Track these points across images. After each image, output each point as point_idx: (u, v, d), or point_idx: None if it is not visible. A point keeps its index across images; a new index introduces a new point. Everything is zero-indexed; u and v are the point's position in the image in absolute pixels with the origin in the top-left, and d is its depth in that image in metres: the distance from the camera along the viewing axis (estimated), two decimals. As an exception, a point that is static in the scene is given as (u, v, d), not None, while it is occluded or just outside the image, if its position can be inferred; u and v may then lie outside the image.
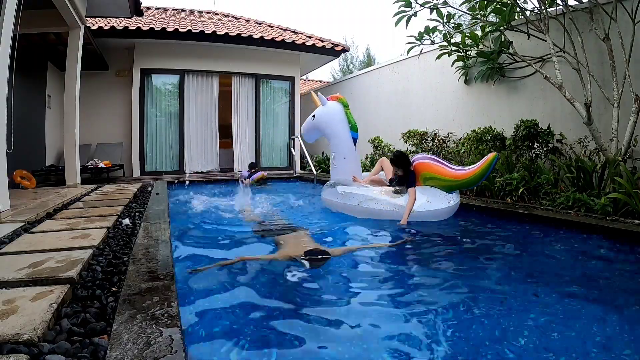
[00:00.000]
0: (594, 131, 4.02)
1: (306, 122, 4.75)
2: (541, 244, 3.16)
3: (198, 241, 3.24)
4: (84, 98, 6.48)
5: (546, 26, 4.43)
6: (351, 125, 4.38)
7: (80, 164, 6.05)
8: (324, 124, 4.50)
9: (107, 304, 1.45)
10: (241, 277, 2.32)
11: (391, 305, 1.97)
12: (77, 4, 5.21)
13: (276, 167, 9.42)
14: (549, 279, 2.32)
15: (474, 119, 5.97)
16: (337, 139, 4.42)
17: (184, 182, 6.53)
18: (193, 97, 8.63)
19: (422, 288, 2.27)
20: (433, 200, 3.62)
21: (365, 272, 2.51)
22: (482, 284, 2.25)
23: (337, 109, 4.45)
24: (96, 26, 7.37)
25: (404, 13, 5.10)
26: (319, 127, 4.56)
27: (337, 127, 4.40)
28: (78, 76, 5.71)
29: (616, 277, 2.38)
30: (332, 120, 4.43)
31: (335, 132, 4.42)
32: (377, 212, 3.72)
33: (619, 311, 1.88)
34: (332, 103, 4.53)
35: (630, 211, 3.31)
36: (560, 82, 4.26)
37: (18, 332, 1.15)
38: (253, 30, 8.91)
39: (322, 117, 4.51)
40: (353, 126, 4.39)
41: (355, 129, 4.43)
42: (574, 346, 1.56)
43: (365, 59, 24.16)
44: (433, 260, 2.79)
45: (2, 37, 3.16)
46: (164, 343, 1.12)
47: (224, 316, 1.80)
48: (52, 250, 2.04)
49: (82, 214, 3.25)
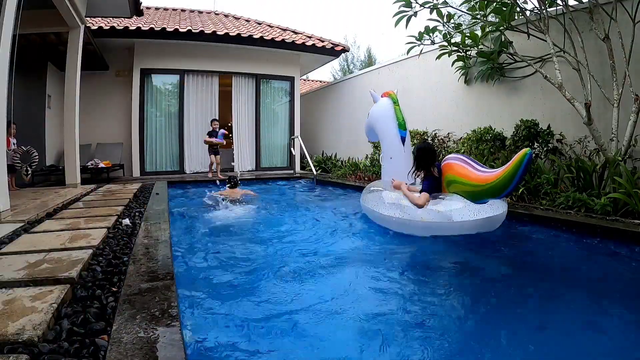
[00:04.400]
0: (594, 131, 4.01)
1: (365, 123, 4.57)
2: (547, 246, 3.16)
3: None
4: (84, 98, 6.49)
5: (546, 26, 4.43)
6: (399, 123, 4.03)
7: (80, 164, 6.05)
8: (374, 122, 4.25)
9: (107, 304, 1.45)
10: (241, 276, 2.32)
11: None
12: (77, 4, 5.21)
13: (276, 167, 9.42)
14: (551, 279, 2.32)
15: (474, 119, 5.97)
16: (385, 138, 4.15)
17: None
18: (193, 97, 8.63)
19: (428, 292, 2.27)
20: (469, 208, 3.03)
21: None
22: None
23: (386, 105, 4.14)
24: (96, 26, 7.37)
25: (404, 13, 5.09)
26: (372, 126, 4.31)
27: (384, 124, 4.11)
28: (78, 76, 5.71)
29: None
30: (380, 117, 4.16)
31: (383, 129, 4.14)
32: (408, 225, 3.18)
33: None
34: (382, 100, 4.26)
35: (630, 211, 3.31)
36: (560, 82, 4.26)
37: (18, 332, 1.15)
38: (253, 30, 8.90)
39: (372, 114, 4.29)
40: (401, 123, 4.04)
41: (404, 127, 4.05)
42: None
43: (366, 58, 24.15)
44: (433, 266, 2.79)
45: (2, 37, 3.16)
46: (164, 343, 1.12)
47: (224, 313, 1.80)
48: (52, 250, 2.04)
49: (82, 214, 3.25)
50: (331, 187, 6.83)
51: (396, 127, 4.02)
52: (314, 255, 2.85)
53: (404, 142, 4.00)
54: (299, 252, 2.92)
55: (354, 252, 3.01)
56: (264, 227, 3.94)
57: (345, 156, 9.18)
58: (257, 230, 3.83)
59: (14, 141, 4.95)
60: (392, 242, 3.19)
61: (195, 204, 5.15)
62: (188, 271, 2.41)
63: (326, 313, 1.84)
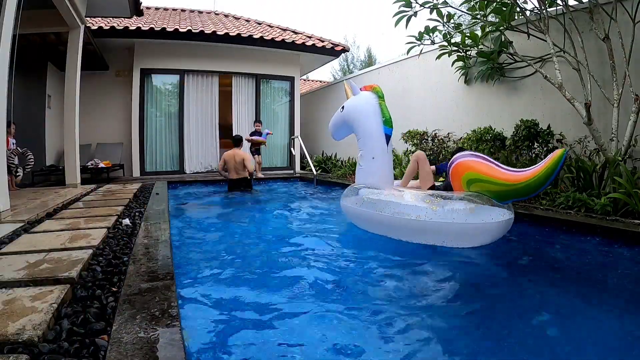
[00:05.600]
0: (594, 131, 4.01)
1: (334, 117, 4.06)
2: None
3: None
4: (84, 98, 6.48)
5: (546, 26, 4.43)
6: (385, 119, 3.69)
7: (80, 164, 6.05)
8: (353, 117, 3.80)
9: (107, 304, 1.45)
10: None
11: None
12: (77, 4, 5.21)
13: (276, 167, 9.42)
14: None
15: (474, 119, 5.97)
16: (366, 135, 3.71)
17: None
18: (193, 97, 8.62)
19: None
20: (480, 210, 2.76)
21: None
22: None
23: (370, 99, 3.75)
24: (96, 26, 7.37)
25: (404, 13, 5.09)
26: (348, 120, 3.86)
27: (368, 120, 3.69)
28: (78, 76, 5.71)
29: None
30: (363, 112, 3.73)
31: (365, 126, 3.70)
32: (424, 229, 2.88)
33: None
34: (364, 93, 3.86)
35: (630, 211, 3.31)
36: (560, 82, 4.26)
37: (18, 332, 1.15)
38: (253, 30, 8.90)
39: (351, 108, 3.81)
40: (387, 120, 3.69)
41: (390, 124, 3.72)
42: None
43: (366, 58, 24.18)
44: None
45: (2, 37, 3.16)
46: (164, 343, 1.12)
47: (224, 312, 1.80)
48: (52, 250, 2.04)
49: (82, 214, 3.25)
50: (337, 188, 6.78)
51: (381, 124, 3.65)
52: (313, 255, 2.85)
53: (388, 140, 3.70)
54: (300, 251, 2.92)
55: (366, 262, 2.87)
56: (265, 227, 3.94)
57: (345, 156, 9.18)
58: (257, 230, 3.83)
59: (13, 141, 4.95)
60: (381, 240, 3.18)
61: (192, 202, 5.16)
62: (187, 270, 2.41)
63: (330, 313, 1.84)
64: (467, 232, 2.78)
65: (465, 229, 2.77)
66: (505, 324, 1.78)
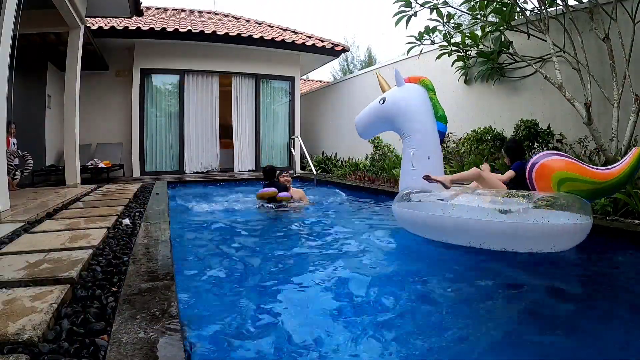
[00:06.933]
0: (594, 131, 4.01)
1: (368, 110, 3.58)
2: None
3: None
4: (84, 98, 6.49)
5: (546, 26, 4.43)
6: (439, 115, 3.36)
7: (80, 164, 6.05)
8: (400, 112, 3.36)
9: (107, 304, 1.45)
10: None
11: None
12: (77, 4, 5.21)
13: (276, 167, 9.40)
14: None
15: (474, 118, 5.97)
16: (420, 133, 3.31)
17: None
18: (193, 97, 8.62)
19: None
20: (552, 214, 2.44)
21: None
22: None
23: (420, 93, 3.41)
24: (96, 26, 7.37)
25: (403, 13, 5.09)
26: (390, 115, 3.39)
27: (421, 116, 3.34)
28: (78, 76, 5.72)
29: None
30: (412, 106, 3.35)
31: (418, 122, 3.33)
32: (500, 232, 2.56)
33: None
34: (410, 85, 3.47)
35: (630, 211, 3.31)
36: (560, 82, 4.26)
37: (18, 332, 1.15)
38: (253, 30, 8.91)
39: (398, 102, 3.37)
40: (442, 116, 3.37)
41: (445, 120, 3.40)
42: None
43: (366, 58, 24.18)
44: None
45: (2, 37, 3.16)
46: (164, 343, 1.12)
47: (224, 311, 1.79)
48: (52, 250, 2.04)
49: (82, 214, 3.25)
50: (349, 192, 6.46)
51: (434, 121, 3.34)
52: (318, 256, 2.84)
53: (442, 138, 3.39)
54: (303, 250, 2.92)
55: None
56: (268, 227, 3.94)
57: (345, 156, 9.19)
58: (258, 230, 3.83)
59: (14, 141, 4.95)
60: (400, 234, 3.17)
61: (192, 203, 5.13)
62: (187, 269, 2.40)
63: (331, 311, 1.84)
64: (568, 232, 2.49)
65: (569, 229, 2.46)
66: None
